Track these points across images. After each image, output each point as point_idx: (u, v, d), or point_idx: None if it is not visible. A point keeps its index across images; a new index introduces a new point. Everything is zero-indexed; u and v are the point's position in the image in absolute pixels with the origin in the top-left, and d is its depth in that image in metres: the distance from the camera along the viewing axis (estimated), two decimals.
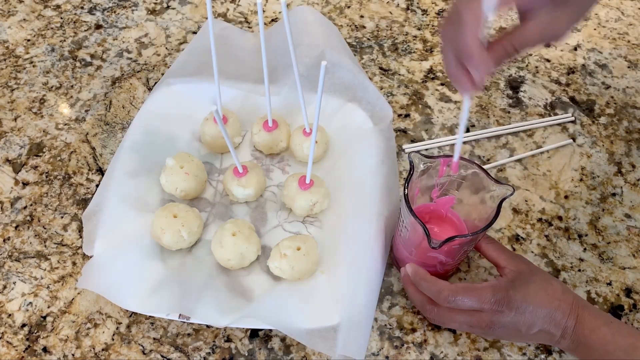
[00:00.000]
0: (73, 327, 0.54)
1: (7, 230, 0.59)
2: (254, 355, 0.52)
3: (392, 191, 0.59)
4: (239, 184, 0.58)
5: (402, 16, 0.79)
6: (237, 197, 0.59)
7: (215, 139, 0.62)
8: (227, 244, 0.53)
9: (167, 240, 0.54)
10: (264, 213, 0.60)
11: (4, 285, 0.56)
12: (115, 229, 0.55)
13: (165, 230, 0.54)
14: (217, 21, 0.75)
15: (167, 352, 0.52)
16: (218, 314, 0.51)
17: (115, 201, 0.56)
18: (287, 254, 0.53)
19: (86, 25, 0.77)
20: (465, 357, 0.52)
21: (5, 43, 0.75)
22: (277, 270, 0.53)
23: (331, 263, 0.55)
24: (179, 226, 0.54)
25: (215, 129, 0.61)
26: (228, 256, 0.53)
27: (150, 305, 0.51)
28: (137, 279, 0.53)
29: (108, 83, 0.71)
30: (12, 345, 0.53)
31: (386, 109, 0.63)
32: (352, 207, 0.57)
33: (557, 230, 0.60)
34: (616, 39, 0.77)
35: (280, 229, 0.59)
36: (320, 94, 0.48)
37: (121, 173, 0.58)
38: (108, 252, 0.54)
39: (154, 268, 0.54)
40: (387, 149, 0.61)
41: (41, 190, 0.62)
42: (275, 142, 0.62)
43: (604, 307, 0.55)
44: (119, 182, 0.58)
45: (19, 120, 0.68)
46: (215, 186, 0.62)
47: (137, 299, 0.51)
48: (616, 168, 0.65)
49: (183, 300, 0.51)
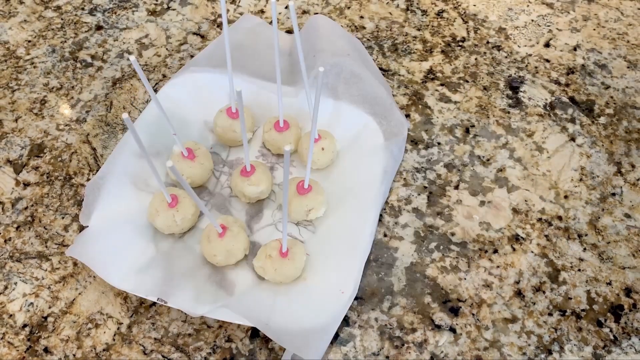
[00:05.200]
0: (74, 328, 0.54)
1: (8, 230, 0.60)
2: (254, 356, 0.52)
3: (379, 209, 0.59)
4: (250, 182, 0.58)
5: (402, 17, 0.79)
6: (249, 197, 0.59)
7: (225, 131, 0.62)
8: (215, 240, 0.53)
9: (159, 223, 0.55)
10: (260, 210, 0.60)
11: (5, 286, 0.56)
12: (114, 205, 0.56)
13: (159, 212, 0.55)
14: (251, 16, 0.76)
15: (168, 352, 0.52)
16: (195, 302, 0.51)
17: (118, 177, 0.57)
18: (272, 255, 0.53)
19: (87, 26, 0.77)
20: (465, 357, 0.52)
21: (6, 44, 0.75)
22: (260, 270, 0.54)
23: (315, 269, 0.55)
24: (174, 211, 0.55)
25: (227, 121, 0.62)
26: (214, 252, 0.54)
27: (132, 284, 0.52)
28: (125, 256, 0.54)
29: (109, 84, 0.71)
30: (13, 345, 0.53)
31: (400, 126, 0.63)
32: (347, 219, 0.58)
33: (557, 230, 0.60)
34: (616, 39, 0.77)
35: (273, 228, 0.59)
36: (318, 98, 0.49)
37: (129, 151, 0.59)
38: (103, 225, 0.55)
39: (143, 249, 0.55)
40: (390, 167, 0.61)
41: (42, 190, 0.62)
42: (284, 143, 0.62)
43: (604, 307, 0.56)
44: (126, 160, 0.59)
45: (20, 121, 0.68)
46: (218, 177, 0.62)
47: (121, 276, 0.52)
48: (616, 168, 0.65)
49: (164, 285, 0.52)
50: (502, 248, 0.59)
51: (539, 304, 0.56)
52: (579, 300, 0.56)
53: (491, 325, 0.54)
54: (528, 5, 0.81)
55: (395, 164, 0.62)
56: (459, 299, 0.56)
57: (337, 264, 0.55)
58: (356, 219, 0.57)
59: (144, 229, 0.57)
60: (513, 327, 0.54)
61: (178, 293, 0.52)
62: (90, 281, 0.56)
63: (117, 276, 0.52)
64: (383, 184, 0.59)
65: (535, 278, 0.57)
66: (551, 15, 0.80)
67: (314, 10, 0.79)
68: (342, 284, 0.53)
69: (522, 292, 0.56)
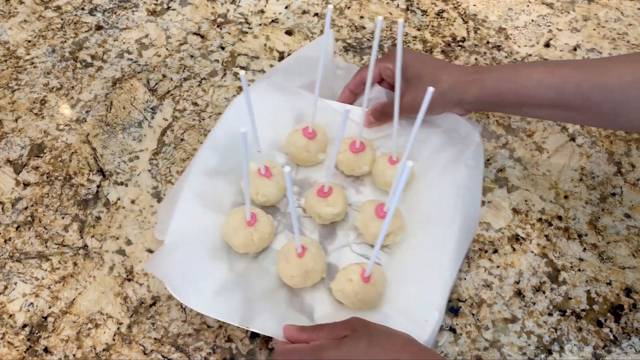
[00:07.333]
0: (74, 328, 0.54)
1: (8, 230, 0.60)
2: (254, 356, 0.52)
3: (469, 232, 0.57)
4: (327, 203, 0.56)
5: (402, 17, 0.79)
6: (324, 218, 0.57)
7: (300, 151, 0.60)
8: (293, 260, 0.52)
9: (237, 242, 0.54)
10: (333, 231, 0.59)
11: (5, 286, 0.56)
12: (187, 222, 0.55)
13: (237, 231, 0.53)
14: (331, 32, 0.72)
15: (168, 352, 0.52)
16: (278, 328, 0.49)
17: (190, 197, 0.56)
18: (352, 279, 0.51)
19: (87, 26, 0.77)
20: (465, 357, 0.52)
21: (6, 44, 0.75)
22: (339, 294, 0.52)
23: (395, 296, 0.53)
24: (252, 229, 0.53)
25: (303, 141, 0.60)
26: (292, 272, 0.52)
27: (210, 307, 0.50)
28: (200, 276, 0.52)
29: (109, 84, 0.71)
30: (13, 345, 0.53)
31: (471, 133, 0.60)
32: (425, 243, 0.55)
33: (557, 230, 0.60)
34: (616, 39, 0.77)
35: (347, 249, 0.57)
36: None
37: (199, 171, 0.58)
38: (177, 242, 0.53)
39: (219, 269, 0.54)
40: (467, 181, 0.57)
41: (42, 190, 0.62)
42: (358, 165, 0.60)
43: (604, 307, 0.56)
44: (196, 180, 0.57)
45: (20, 121, 0.68)
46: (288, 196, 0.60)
47: (201, 299, 0.50)
48: (616, 168, 0.65)
49: (244, 309, 0.50)
50: (502, 248, 0.59)
51: (539, 304, 0.56)
52: (579, 300, 0.56)
53: (491, 325, 0.54)
54: (528, 5, 0.81)
55: (474, 175, 0.58)
56: (459, 299, 0.56)
57: (418, 291, 0.52)
58: (434, 241, 0.54)
59: (217, 248, 0.55)
60: (513, 327, 0.54)
61: (259, 318, 0.50)
62: (90, 281, 0.56)
63: (194, 298, 0.50)
64: (459, 200, 0.56)
65: (535, 278, 0.57)
66: (551, 15, 0.80)
67: (314, 10, 0.79)
68: (425, 312, 0.50)
69: (522, 292, 0.56)
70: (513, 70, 0.55)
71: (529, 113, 0.57)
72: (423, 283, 0.53)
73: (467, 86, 0.55)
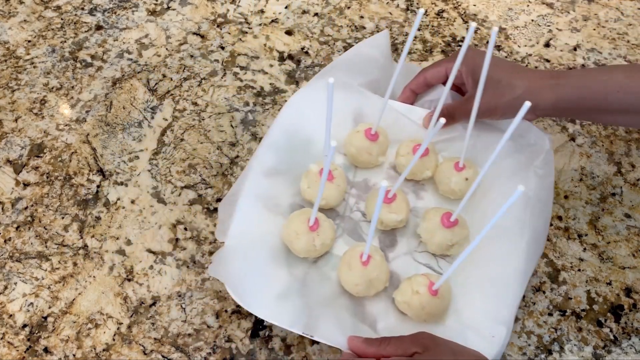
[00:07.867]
0: (74, 328, 0.54)
1: (8, 230, 0.60)
2: (254, 356, 0.52)
3: (539, 246, 0.54)
4: (391, 210, 0.54)
5: (402, 17, 0.79)
6: (385, 224, 0.55)
7: (360, 152, 0.58)
8: (357, 268, 0.50)
9: (298, 246, 0.52)
10: (394, 238, 0.57)
11: (5, 286, 0.56)
12: (247, 224, 0.54)
13: (300, 235, 0.52)
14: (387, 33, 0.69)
15: (168, 352, 0.52)
16: (342, 337, 0.47)
17: (249, 197, 0.55)
18: (419, 291, 0.49)
19: (87, 26, 0.77)
20: None
21: (6, 44, 0.75)
22: (403, 306, 0.50)
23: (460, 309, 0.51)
24: (314, 234, 0.52)
25: (364, 142, 0.58)
26: (356, 281, 0.50)
27: (272, 313, 0.49)
28: (260, 281, 0.51)
29: (109, 84, 0.71)
30: (13, 345, 0.53)
31: (540, 141, 0.57)
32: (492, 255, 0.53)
33: (557, 230, 0.60)
34: (616, 39, 0.77)
35: (410, 258, 0.56)
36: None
37: (258, 170, 0.56)
38: (238, 244, 0.52)
39: (279, 274, 0.52)
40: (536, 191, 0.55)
41: (42, 190, 0.62)
42: (421, 170, 0.58)
43: (604, 307, 0.56)
44: (255, 179, 0.56)
45: (20, 121, 0.68)
46: (347, 199, 0.59)
47: (263, 306, 0.49)
48: (616, 168, 0.65)
49: (306, 316, 0.49)
50: None
51: (539, 304, 0.55)
52: (579, 300, 0.56)
53: None
54: (528, 5, 0.81)
55: (544, 185, 0.55)
56: None
57: (484, 305, 0.50)
58: (502, 254, 0.52)
59: (276, 252, 0.54)
60: (513, 327, 0.54)
61: (322, 326, 0.48)
62: (90, 281, 0.56)
63: (255, 303, 0.49)
64: (528, 211, 0.53)
65: (535, 278, 0.57)
66: (551, 15, 0.80)
67: (314, 10, 0.79)
68: (492, 327, 0.49)
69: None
70: (591, 76, 0.53)
71: (609, 120, 0.56)
72: (489, 297, 0.51)
73: (543, 92, 0.53)
